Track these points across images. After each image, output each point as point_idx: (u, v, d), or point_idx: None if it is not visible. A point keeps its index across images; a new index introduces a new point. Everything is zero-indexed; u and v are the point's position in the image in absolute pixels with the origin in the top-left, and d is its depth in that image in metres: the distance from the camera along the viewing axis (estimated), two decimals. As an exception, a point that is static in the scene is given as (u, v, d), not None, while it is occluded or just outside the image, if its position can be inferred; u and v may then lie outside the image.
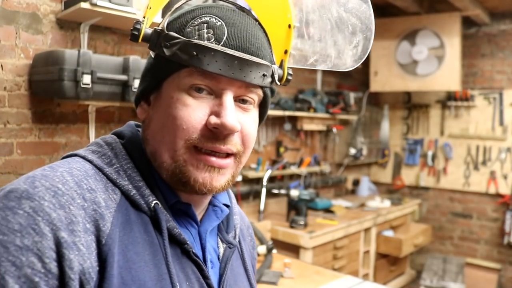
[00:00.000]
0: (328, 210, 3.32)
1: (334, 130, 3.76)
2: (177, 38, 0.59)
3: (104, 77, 1.87)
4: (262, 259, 2.26)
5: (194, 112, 0.59)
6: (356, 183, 4.27)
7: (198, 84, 0.59)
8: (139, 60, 2.00)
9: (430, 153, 4.24)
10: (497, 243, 3.96)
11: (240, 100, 0.62)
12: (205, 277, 0.63)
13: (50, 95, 1.94)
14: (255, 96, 0.64)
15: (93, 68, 1.82)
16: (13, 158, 1.94)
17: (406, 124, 4.45)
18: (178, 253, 0.61)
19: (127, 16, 1.98)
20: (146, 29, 0.62)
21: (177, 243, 0.61)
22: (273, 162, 3.33)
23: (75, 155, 0.62)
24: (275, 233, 2.82)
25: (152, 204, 0.59)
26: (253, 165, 3.15)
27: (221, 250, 0.70)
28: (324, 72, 3.88)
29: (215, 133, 0.59)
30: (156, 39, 0.61)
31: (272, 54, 0.67)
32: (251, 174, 3.01)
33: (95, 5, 1.84)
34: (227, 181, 0.63)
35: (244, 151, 0.64)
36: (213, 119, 0.59)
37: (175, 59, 0.59)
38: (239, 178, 2.98)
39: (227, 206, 0.74)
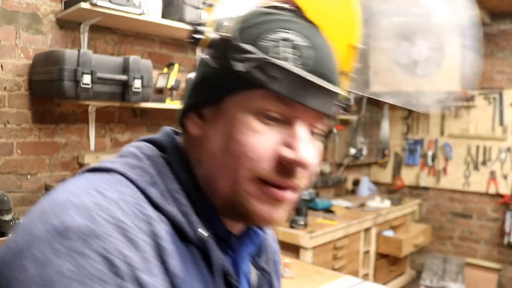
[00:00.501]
0: (328, 210, 3.32)
1: (334, 130, 3.76)
2: (253, 52, 0.51)
3: (104, 77, 1.87)
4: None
5: (264, 140, 0.52)
6: (356, 183, 4.27)
7: (272, 110, 0.52)
8: (139, 60, 2.00)
9: (430, 153, 4.24)
10: (497, 243, 3.96)
11: (310, 131, 0.56)
12: None
13: (50, 95, 1.94)
14: (324, 127, 0.57)
15: (93, 68, 1.82)
16: (13, 158, 1.94)
17: (406, 124, 4.45)
18: (221, 284, 0.56)
19: (127, 16, 1.98)
20: (211, 33, 0.53)
21: (221, 273, 0.55)
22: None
23: (112, 170, 0.52)
24: (275, 233, 2.82)
25: (203, 236, 0.53)
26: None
27: (253, 276, 0.64)
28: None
29: (286, 167, 0.53)
30: (223, 47, 0.53)
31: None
32: (251, 174, 3.00)
33: (95, 5, 1.84)
34: (285, 215, 0.57)
35: (307, 184, 0.58)
36: (287, 152, 0.52)
37: (249, 77, 0.51)
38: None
39: (260, 228, 0.67)
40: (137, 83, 1.96)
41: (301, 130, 0.53)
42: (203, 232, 0.53)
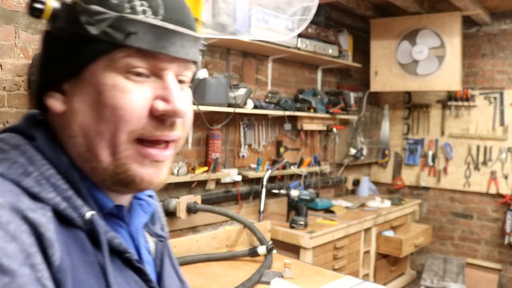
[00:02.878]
0: (328, 210, 3.32)
1: (334, 130, 3.75)
2: (105, 12, 0.49)
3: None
4: (262, 259, 2.25)
5: (136, 98, 0.51)
6: (356, 183, 4.26)
7: (138, 66, 0.51)
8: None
9: (430, 153, 4.24)
10: (497, 243, 3.95)
11: (178, 79, 0.56)
12: (148, 281, 0.57)
13: (49, 95, 1.93)
14: (190, 74, 0.58)
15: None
16: (12, 158, 1.94)
17: (407, 124, 4.45)
18: (119, 265, 0.54)
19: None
20: (52, 1, 0.50)
21: (117, 253, 0.53)
22: (273, 162, 3.32)
23: None
24: (275, 233, 2.82)
25: (88, 216, 0.51)
26: (253, 165, 3.15)
27: (151, 245, 0.64)
28: (325, 72, 3.87)
29: (162, 120, 0.53)
30: (68, 14, 0.50)
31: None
32: (251, 174, 3.00)
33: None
34: (167, 172, 0.58)
35: (184, 134, 0.58)
36: (161, 105, 0.52)
37: (106, 38, 0.49)
38: (239, 178, 2.98)
39: (150, 195, 0.66)
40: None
41: (171, 81, 0.54)
42: (88, 213, 0.51)
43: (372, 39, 3.93)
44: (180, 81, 0.56)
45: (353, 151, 4.09)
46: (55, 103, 0.54)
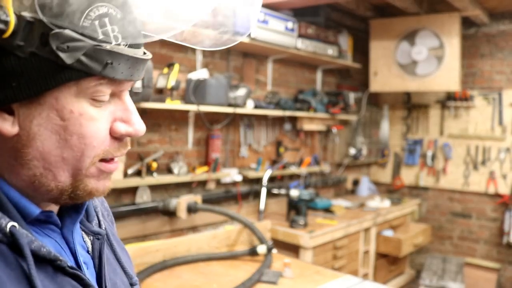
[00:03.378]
0: (328, 210, 3.33)
1: (334, 130, 3.77)
2: (79, 40, 0.46)
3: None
4: (262, 259, 2.26)
5: (102, 125, 0.52)
6: (356, 183, 4.27)
7: (105, 93, 0.51)
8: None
9: (429, 153, 4.25)
10: (496, 243, 3.97)
11: None
12: (87, 285, 0.55)
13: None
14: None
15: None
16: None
17: (406, 124, 4.46)
18: (51, 272, 0.52)
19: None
20: (14, 15, 0.45)
21: (48, 262, 0.51)
22: (273, 162, 3.34)
23: None
24: (275, 233, 2.83)
25: (8, 229, 0.48)
26: (253, 165, 3.16)
27: (89, 244, 0.63)
28: (324, 72, 3.89)
29: (121, 140, 0.55)
30: (31, 33, 0.46)
31: None
32: (251, 174, 3.01)
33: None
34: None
35: None
36: (123, 127, 0.54)
37: (81, 67, 0.47)
38: (239, 178, 2.99)
39: None
40: (137, 83, 1.97)
41: (129, 101, 0.55)
42: (8, 225, 0.48)
43: (372, 40, 3.94)
44: None
45: (352, 151, 4.11)
46: (4, 125, 0.49)
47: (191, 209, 2.47)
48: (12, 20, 0.44)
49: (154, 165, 2.39)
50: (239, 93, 2.72)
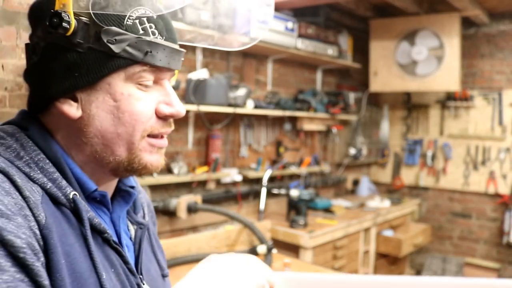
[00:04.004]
0: (328, 210, 3.33)
1: (334, 130, 3.77)
2: (124, 33, 0.59)
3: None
4: (262, 259, 2.26)
5: (148, 104, 0.63)
6: (356, 183, 4.27)
7: (148, 78, 0.62)
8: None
9: (429, 153, 4.25)
10: (496, 243, 3.97)
11: None
12: (126, 262, 0.64)
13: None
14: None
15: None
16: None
17: (406, 124, 4.46)
18: (100, 242, 0.61)
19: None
20: (73, 20, 0.58)
21: (98, 232, 0.61)
22: (273, 162, 3.34)
23: None
24: (275, 233, 2.83)
25: (71, 196, 0.58)
26: (253, 165, 3.16)
27: (132, 232, 0.72)
28: (324, 72, 3.89)
29: (165, 119, 0.65)
30: (87, 32, 0.58)
31: None
32: (251, 174, 3.01)
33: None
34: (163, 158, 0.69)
35: None
36: (166, 109, 0.64)
37: (127, 55, 0.59)
38: (239, 178, 2.99)
39: (132, 187, 0.74)
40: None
41: (170, 88, 0.66)
42: (71, 193, 0.59)
43: (372, 40, 3.94)
44: None
45: (352, 151, 4.11)
46: (71, 110, 0.61)
47: (191, 209, 2.47)
48: (73, 22, 0.57)
49: (154, 165, 2.39)
50: (239, 93, 2.72)
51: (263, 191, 2.98)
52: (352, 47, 3.82)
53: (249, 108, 2.84)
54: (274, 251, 2.33)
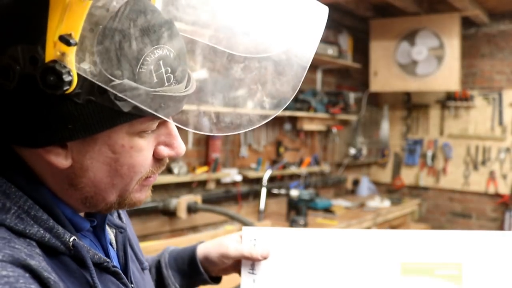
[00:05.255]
0: (328, 210, 3.33)
1: (334, 130, 3.77)
2: (136, 88, 0.47)
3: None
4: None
5: (148, 153, 0.56)
6: (356, 183, 4.27)
7: (153, 127, 0.55)
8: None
9: (429, 153, 4.25)
10: (496, 243, 3.97)
11: None
12: (120, 278, 0.61)
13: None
14: None
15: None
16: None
17: (406, 124, 4.46)
18: (97, 272, 0.57)
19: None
20: (68, 74, 0.45)
21: (96, 265, 0.57)
22: (273, 162, 3.34)
23: None
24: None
25: (71, 243, 0.53)
26: (253, 165, 3.16)
27: (112, 236, 0.67)
28: (324, 72, 3.89)
29: (163, 161, 0.59)
30: (87, 82, 0.46)
31: None
32: (251, 174, 3.01)
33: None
34: None
35: None
36: (166, 151, 0.58)
37: (135, 112, 0.49)
38: (239, 178, 2.99)
39: None
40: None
41: (173, 127, 0.58)
42: (71, 239, 0.53)
43: (372, 40, 3.94)
44: None
45: (352, 151, 4.11)
46: (58, 159, 0.52)
47: (191, 209, 2.47)
48: (75, 79, 0.45)
49: (154, 165, 2.39)
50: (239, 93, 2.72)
51: (263, 191, 2.98)
52: (352, 47, 3.82)
53: (249, 108, 2.83)
54: (274, 251, 2.33)
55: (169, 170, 2.56)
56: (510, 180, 3.87)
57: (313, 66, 3.76)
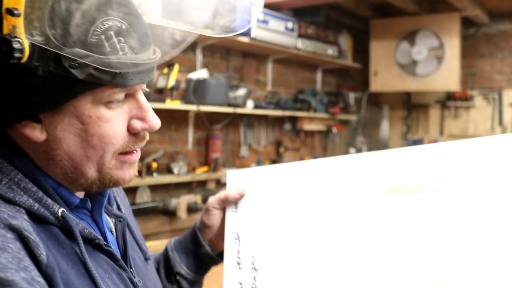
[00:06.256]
0: (328, 210, 3.33)
1: (334, 130, 3.77)
2: (87, 55, 0.51)
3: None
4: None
5: (118, 124, 0.58)
6: (355, 183, 4.27)
7: (119, 97, 0.56)
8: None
9: (429, 153, 4.25)
10: (496, 242, 3.97)
11: None
12: (116, 260, 0.63)
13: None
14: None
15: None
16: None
17: (406, 124, 4.46)
18: (90, 250, 0.59)
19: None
20: (27, 44, 0.49)
21: (88, 241, 0.59)
22: (273, 162, 3.34)
23: None
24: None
25: (59, 213, 0.56)
26: (253, 165, 3.16)
27: (111, 225, 0.70)
28: (324, 72, 3.89)
29: (138, 135, 0.60)
30: (45, 54, 0.50)
31: None
32: (251, 174, 3.01)
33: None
34: (136, 169, 0.66)
35: None
36: (139, 124, 0.59)
37: (92, 80, 0.52)
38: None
39: None
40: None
41: (143, 100, 0.60)
42: (59, 211, 0.56)
43: (372, 40, 3.94)
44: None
45: (352, 151, 4.10)
46: (34, 133, 0.55)
47: (191, 209, 2.47)
48: (27, 48, 0.49)
49: (154, 165, 2.39)
50: (239, 93, 2.72)
51: (263, 191, 2.98)
52: (352, 47, 3.82)
53: (249, 108, 2.84)
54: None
55: (169, 170, 2.56)
56: (510, 180, 3.87)
57: (313, 66, 3.76)
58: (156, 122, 0.60)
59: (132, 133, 0.59)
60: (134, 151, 0.62)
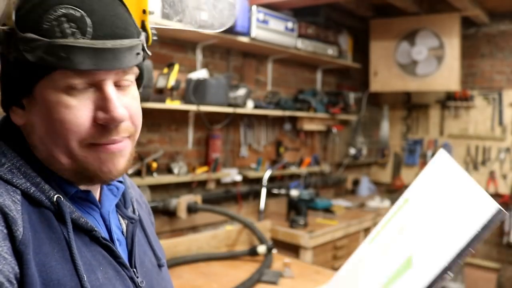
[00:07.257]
0: (328, 210, 3.33)
1: (334, 130, 3.77)
2: (38, 40, 0.55)
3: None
4: (262, 259, 2.27)
5: (79, 112, 0.58)
6: (356, 183, 4.27)
7: (76, 83, 0.57)
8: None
9: (429, 153, 4.25)
10: (496, 243, 3.97)
11: (119, 84, 0.62)
12: (117, 257, 0.64)
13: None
14: (132, 76, 0.63)
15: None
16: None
17: (406, 124, 4.46)
18: (87, 241, 0.61)
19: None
20: None
21: (85, 231, 0.61)
22: (273, 162, 3.34)
23: None
24: (275, 233, 2.83)
25: (55, 198, 0.59)
26: (253, 165, 3.16)
27: (124, 226, 0.72)
28: (324, 72, 3.89)
29: (107, 127, 0.60)
30: (8, 41, 0.56)
31: (135, 24, 0.64)
32: (251, 174, 3.01)
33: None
34: (127, 161, 0.65)
35: (135, 130, 0.65)
36: (101, 115, 0.59)
37: (42, 63, 0.55)
38: (239, 178, 2.99)
39: (120, 182, 0.74)
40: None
41: (108, 90, 0.59)
42: (55, 196, 0.59)
43: (372, 40, 3.94)
44: (122, 86, 0.62)
45: (352, 151, 4.11)
46: (16, 118, 0.62)
47: (191, 209, 2.47)
48: None
49: (154, 165, 2.39)
50: (239, 93, 2.72)
51: (263, 191, 2.98)
52: (352, 47, 3.82)
53: (249, 108, 2.84)
54: (274, 251, 2.33)
55: (169, 170, 2.56)
56: (510, 180, 3.87)
57: (313, 66, 3.76)
58: (118, 113, 0.59)
59: (100, 124, 0.59)
60: (111, 143, 0.61)
